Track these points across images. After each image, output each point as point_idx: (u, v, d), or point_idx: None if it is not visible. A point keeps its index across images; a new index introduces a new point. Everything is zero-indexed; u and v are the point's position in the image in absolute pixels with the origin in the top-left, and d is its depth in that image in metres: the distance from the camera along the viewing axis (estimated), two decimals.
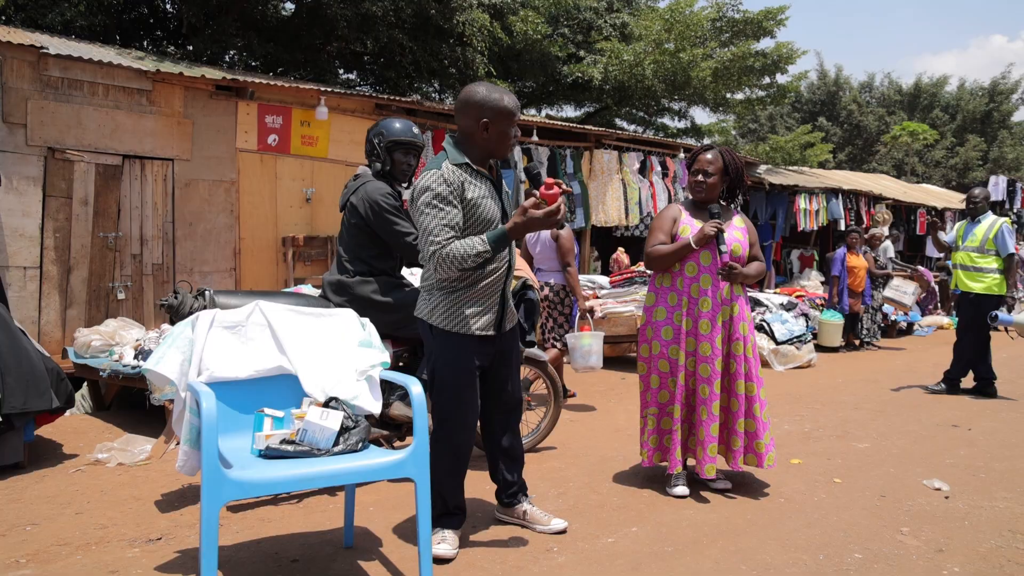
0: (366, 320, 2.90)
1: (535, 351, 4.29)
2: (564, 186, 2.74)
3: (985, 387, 6.48)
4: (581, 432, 4.93)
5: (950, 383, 6.61)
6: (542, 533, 3.10)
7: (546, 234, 5.62)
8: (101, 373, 5.09)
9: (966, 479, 4.01)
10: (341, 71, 14.81)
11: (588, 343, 5.16)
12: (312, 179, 8.46)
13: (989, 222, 6.44)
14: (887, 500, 3.64)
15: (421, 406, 2.45)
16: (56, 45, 7.09)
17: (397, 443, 3.77)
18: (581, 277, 8.44)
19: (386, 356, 2.81)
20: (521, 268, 4.29)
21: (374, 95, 9.17)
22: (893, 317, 10.60)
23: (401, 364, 3.75)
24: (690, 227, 3.64)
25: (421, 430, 2.43)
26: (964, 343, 6.53)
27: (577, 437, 4.75)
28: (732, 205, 3.80)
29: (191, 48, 12.30)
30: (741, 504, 3.56)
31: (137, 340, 5.28)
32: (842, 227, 14.26)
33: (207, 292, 3.43)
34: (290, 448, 2.34)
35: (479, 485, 3.47)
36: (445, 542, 2.85)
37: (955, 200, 18.33)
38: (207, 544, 2.09)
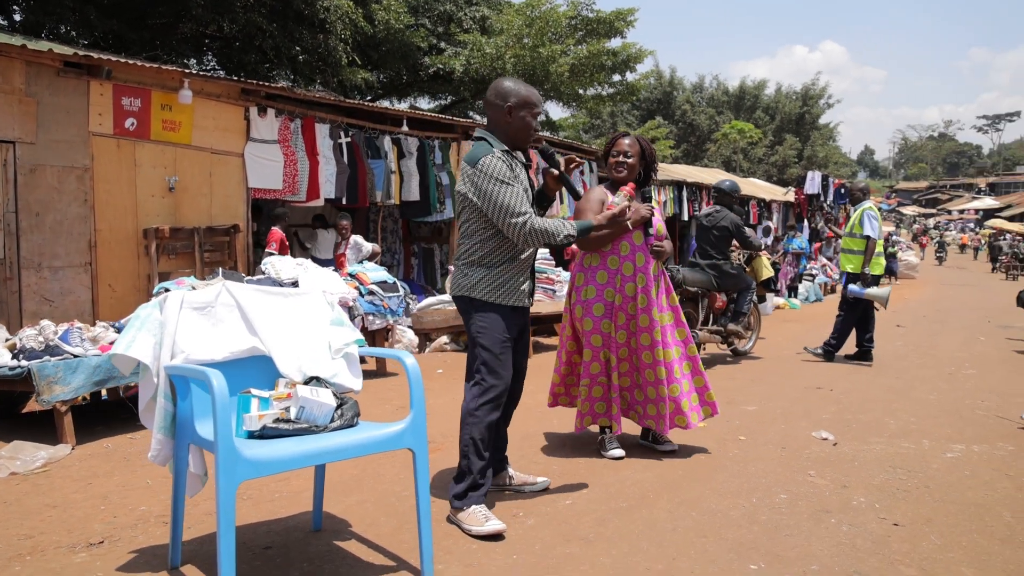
0: (334, 300, 2.86)
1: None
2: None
3: (863, 353, 7.27)
4: None
5: (826, 350, 7.33)
6: (530, 492, 3.33)
7: None
8: None
9: (843, 430, 4.59)
10: (191, 59, 13.85)
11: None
12: (175, 167, 7.92)
13: (859, 210, 7.27)
14: (788, 451, 4.11)
15: (417, 378, 2.48)
16: None
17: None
18: None
19: (358, 334, 2.79)
20: None
21: (241, 80, 8.71)
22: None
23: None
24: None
25: (418, 400, 2.45)
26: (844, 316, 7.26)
27: None
28: (645, 184, 4.05)
29: (15, 18, 11.01)
30: (670, 463, 3.87)
31: (8, 339, 4.74)
32: (685, 218, 15.37)
33: None
34: (288, 427, 2.28)
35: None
36: (492, 519, 2.89)
37: (779, 193, 20.30)
38: (224, 525, 2.01)
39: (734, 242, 7.17)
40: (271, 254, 8.08)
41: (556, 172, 3.19)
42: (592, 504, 3.22)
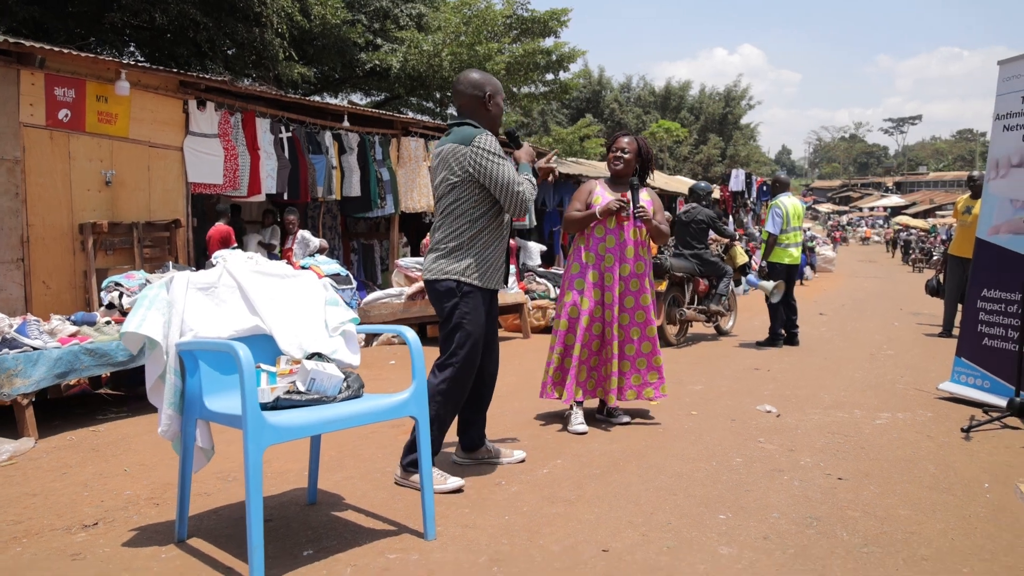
0: (327, 281, 2.97)
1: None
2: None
3: (790, 337, 7.77)
4: None
5: (772, 337, 7.78)
6: (508, 464, 3.52)
7: None
8: None
9: (783, 404, 4.97)
10: (113, 50, 13.36)
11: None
12: (112, 160, 7.73)
13: (771, 204, 7.80)
14: (737, 422, 4.44)
15: (419, 350, 2.63)
16: None
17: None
18: (405, 261, 8.71)
19: (354, 313, 2.91)
20: None
21: (180, 72, 8.54)
22: None
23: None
24: (602, 198, 4.27)
25: (420, 372, 2.61)
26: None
27: None
28: (642, 181, 4.41)
29: None
30: (632, 435, 4.14)
31: None
32: None
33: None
34: (301, 398, 2.40)
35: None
36: (450, 477, 3.16)
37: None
38: (253, 488, 2.12)
39: (712, 235, 8.22)
40: (272, 251, 8.07)
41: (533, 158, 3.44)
42: (567, 472, 3.45)
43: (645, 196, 4.33)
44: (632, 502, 3.04)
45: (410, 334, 2.65)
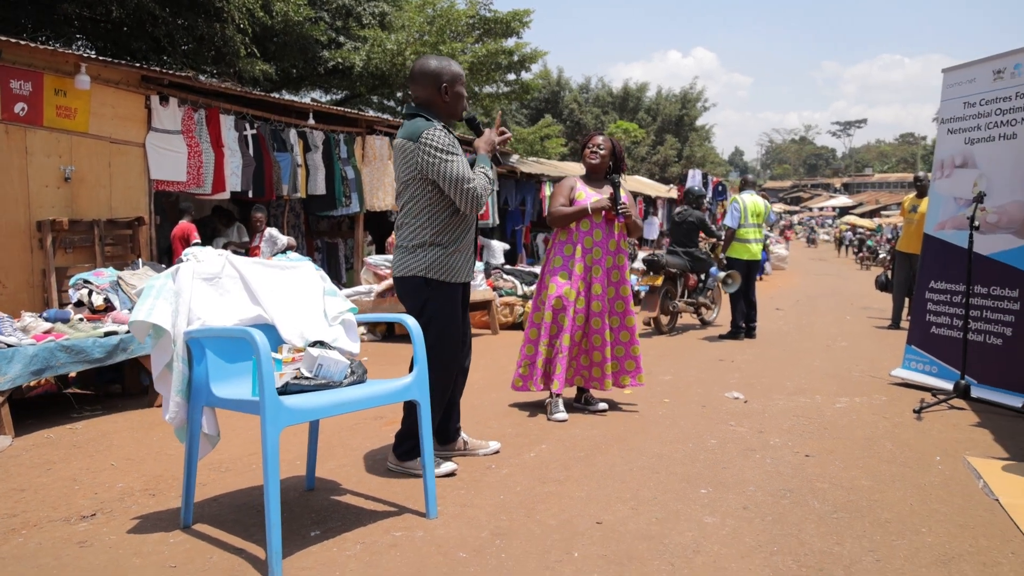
0: (323, 272, 3.06)
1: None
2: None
3: (749, 330, 8.14)
4: None
5: (734, 330, 8.16)
6: (483, 456, 3.58)
7: None
8: None
9: (749, 391, 5.21)
10: (59, 41, 13.03)
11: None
12: (71, 156, 7.60)
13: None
14: (708, 408, 4.66)
15: (420, 338, 2.74)
16: None
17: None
18: (374, 259, 8.77)
19: (350, 303, 3.01)
20: None
21: (142, 66, 8.43)
22: (637, 287, 12.41)
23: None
24: (584, 193, 4.46)
25: (421, 359, 2.72)
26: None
27: None
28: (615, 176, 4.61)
29: None
30: (611, 421, 4.33)
31: None
32: None
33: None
34: (309, 383, 2.48)
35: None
36: (443, 462, 3.27)
37: (663, 191, 21.52)
38: (271, 468, 2.20)
39: (701, 233, 8.91)
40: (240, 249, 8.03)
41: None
42: (553, 455, 3.60)
43: (622, 193, 4.52)
44: (618, 480, 3.21)
45: (411, 322, 2.76)
